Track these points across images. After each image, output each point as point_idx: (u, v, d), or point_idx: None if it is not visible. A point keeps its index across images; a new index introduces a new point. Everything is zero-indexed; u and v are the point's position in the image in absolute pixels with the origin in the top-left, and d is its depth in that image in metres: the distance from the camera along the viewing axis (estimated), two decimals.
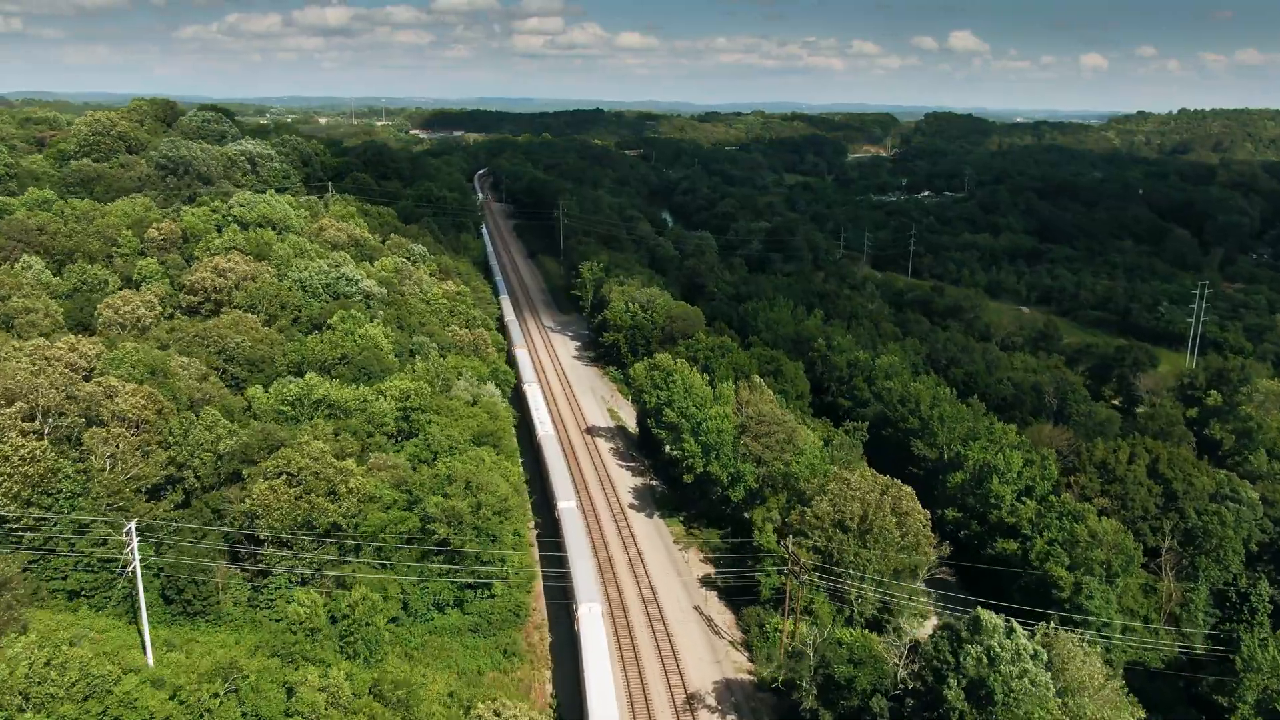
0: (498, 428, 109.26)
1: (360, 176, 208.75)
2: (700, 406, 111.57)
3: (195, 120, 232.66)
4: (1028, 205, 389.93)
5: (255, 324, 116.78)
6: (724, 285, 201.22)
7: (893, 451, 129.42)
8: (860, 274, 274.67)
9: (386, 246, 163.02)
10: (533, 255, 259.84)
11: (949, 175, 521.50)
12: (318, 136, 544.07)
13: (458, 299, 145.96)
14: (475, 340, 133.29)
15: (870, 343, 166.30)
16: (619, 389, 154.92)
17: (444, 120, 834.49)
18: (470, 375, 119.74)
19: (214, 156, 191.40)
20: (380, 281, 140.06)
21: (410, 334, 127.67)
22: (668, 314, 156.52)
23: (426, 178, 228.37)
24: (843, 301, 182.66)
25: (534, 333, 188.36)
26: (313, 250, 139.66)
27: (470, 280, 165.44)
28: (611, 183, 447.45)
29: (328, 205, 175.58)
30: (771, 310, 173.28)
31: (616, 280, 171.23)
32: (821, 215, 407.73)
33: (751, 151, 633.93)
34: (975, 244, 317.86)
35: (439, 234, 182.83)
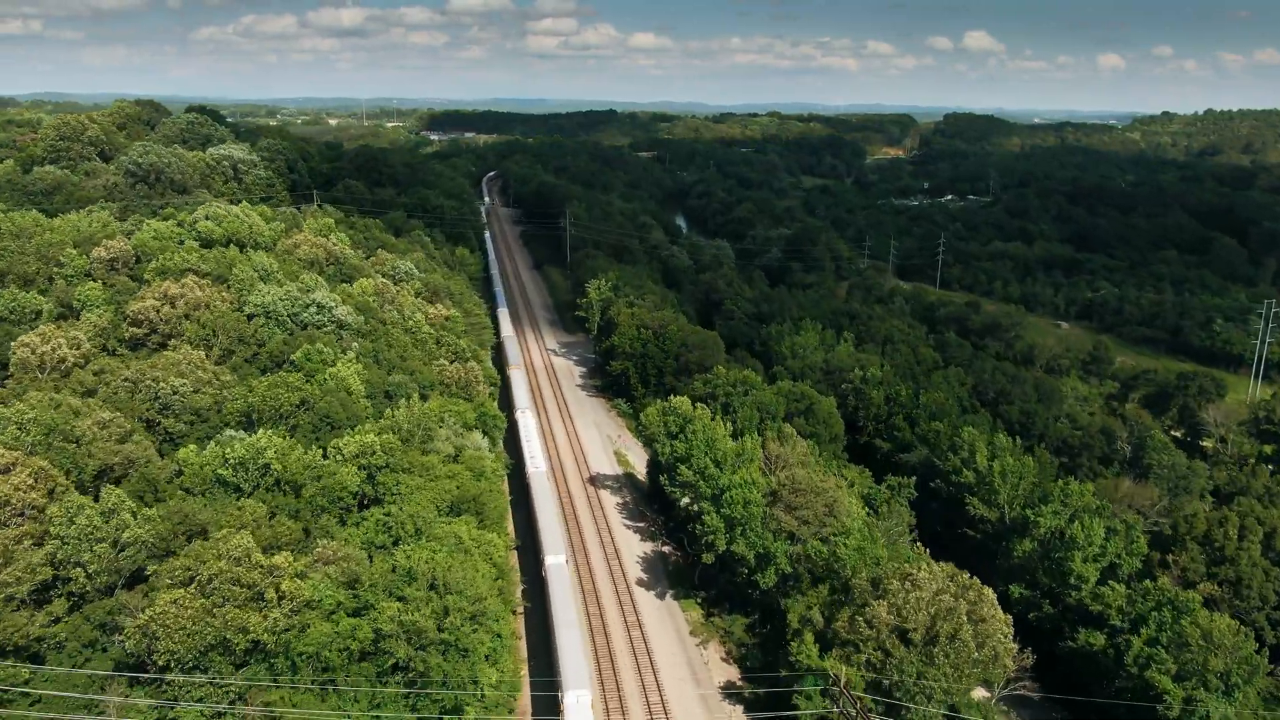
0: (481, 490, 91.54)
1: (351, 184, 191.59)
2: (722, 464, 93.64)
3: (179, 123, 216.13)
4: (1059, 211, 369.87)
5: (203, 362, 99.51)
6: (743, 304, 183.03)
7: (942, 507, 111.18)
8: (887, 286, 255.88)
9: (370, 264, 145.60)
10: (538, 266, 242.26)
11: (973, 178, 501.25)
12: (318, 139, 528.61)
13: (447, 326, 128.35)
14: (464, 376, 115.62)
15: (908, 372, 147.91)
16: (627, 425, 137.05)
17: (455, 121, 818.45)
18: (454, 421, 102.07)
19: (190, 163, 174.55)
20: (358, 307, 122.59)
21: (388, 371, 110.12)
22: (682, 341, 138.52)
23: (423, 184, 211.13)
24: (875, 323, 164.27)
25: (535, 354, 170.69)
26: (281, 272, 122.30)
27: (464, 301, 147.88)
28: (624, 186, 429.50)
29: (306, 217, 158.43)
30: (797, 335, 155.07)
31: (626, 301, 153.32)
32: (842, 220, 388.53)
33: (768, 153, 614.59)
34: (1007, 253, 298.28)
35: (432, 248, 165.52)
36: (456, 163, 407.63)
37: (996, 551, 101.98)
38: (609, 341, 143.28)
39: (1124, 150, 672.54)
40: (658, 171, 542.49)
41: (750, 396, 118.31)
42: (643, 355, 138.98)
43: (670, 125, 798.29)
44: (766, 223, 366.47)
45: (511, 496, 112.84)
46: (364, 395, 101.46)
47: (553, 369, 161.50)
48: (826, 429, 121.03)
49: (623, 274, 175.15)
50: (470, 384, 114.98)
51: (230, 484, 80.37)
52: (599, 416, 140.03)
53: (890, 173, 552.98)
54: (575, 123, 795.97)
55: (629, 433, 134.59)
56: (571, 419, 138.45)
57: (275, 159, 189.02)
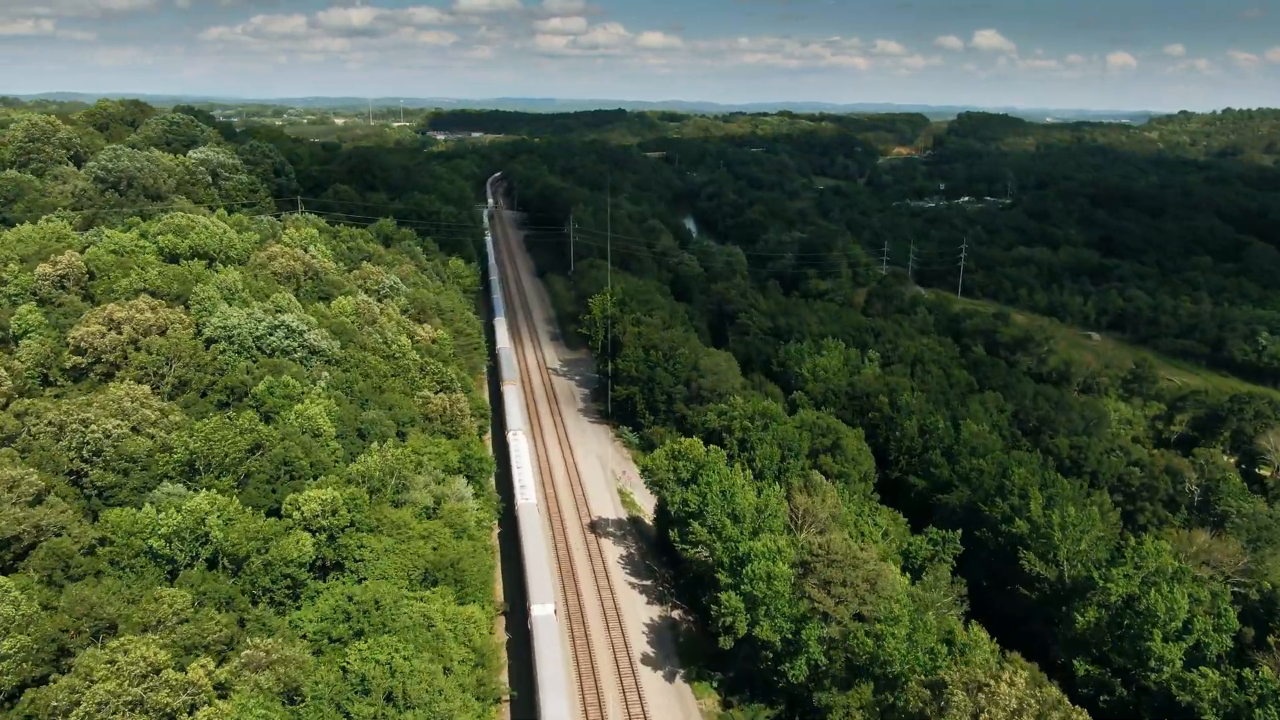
0: (462, 552, 78.45)
1: (340, 189, 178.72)
2: (741, 519, 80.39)
3: (161, 124, 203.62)
4: (1082, 213, 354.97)
5: (149, 398, 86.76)
6: (758, 317, 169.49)
7: (989, 558, 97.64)
8: (908, 294, 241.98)
9: (353, 278, 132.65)
10: (542, 274, 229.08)
11: (989, 179, 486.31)
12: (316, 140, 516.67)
13: (434, 350, 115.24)
14: (450, 409, 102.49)
15: (941, 397, 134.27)
16: (633, 456, 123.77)
17: (462, 121, 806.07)
18: (435, 465, 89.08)
19: (166, 168, 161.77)
20: (334, 330, 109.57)
21: (362, 405, 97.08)
22: (694, 364, 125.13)
23: (418, 189, 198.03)
24: (903, 341, 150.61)
25: (533, 372, 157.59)
26: (248, 290, 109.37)
27: (456, 318, 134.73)
28: (632, 188, 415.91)
29: (286, 227, 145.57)
30: (819, 355, 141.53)
31: (632, 317, 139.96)
32: (856, 223, 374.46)
33: (778, 153, 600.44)
34: (1032, 259, 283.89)
35: (423, 258, 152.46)
36: (460, 164, 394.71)
37: (1055, 616, 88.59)
38: (614, 364, 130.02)
39: (1142, 150, 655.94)
40: (667, 172, 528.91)
41: (770, 431, 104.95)
42: (650, 380, 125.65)
43: (680, 125, 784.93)
44: (779, 226, 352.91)
45: (500, 530, 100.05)
46: (333, 436, 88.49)
47: (552, 389, 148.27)
48: (855, 467, 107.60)
49: (629, 286, 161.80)
50: (456, 418, 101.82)
51: (163, 557, 67.58)
52: (602, 446, 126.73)
53: (904, 173, 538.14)
54: (583, 122, 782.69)
55: (635, 466, 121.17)
56: (571, 448, 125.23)
57: (260, 163, 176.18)
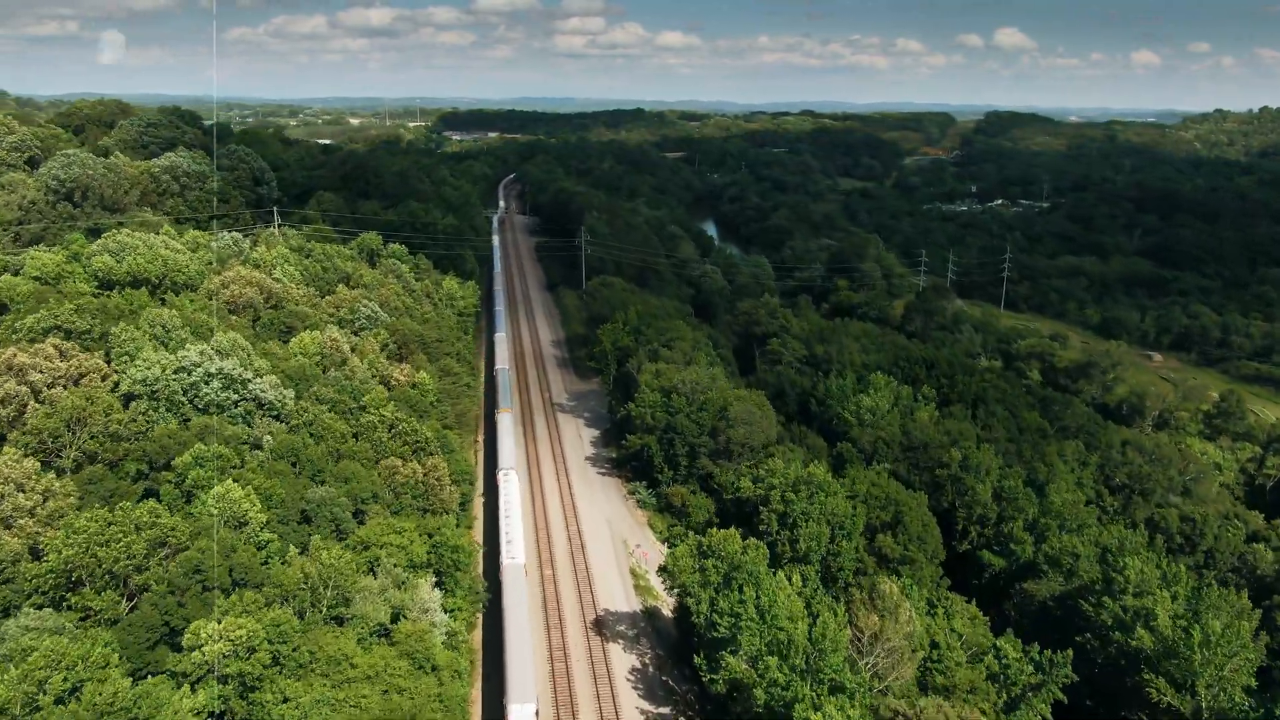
0: (423, 696, 58.73)
1: (326, 197, 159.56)
2: (788, 652, 60.20)
3: (134, 126, 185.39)
4: (1129, 219, 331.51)
5: (31, 477, 67.74)
6: (792, 343, 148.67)
7: (1095, 672, 76.80)
8: (949, 309, 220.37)
9: (325, 305, 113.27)
10: (552, 288, 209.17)
11: (1023, 181, 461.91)
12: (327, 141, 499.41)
13: (412, 398, 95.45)
14: (424, 479, 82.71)
15: (1010, 445, 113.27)
16: (649, 520, 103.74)
17: (478, 120, 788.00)
18: (396, 562, 69.37)
19: (125, 176, 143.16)
20: (290, 375, 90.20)
21: (312, 476, 77.50)
22: (722, 410, 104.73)
23: (415, 196, 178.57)
24: (961, 377, 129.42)
25: (536, 401, 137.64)
26: (187, 327, 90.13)
27: (443, 352, 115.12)
28: (650, 190, 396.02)
29: (257, 243, 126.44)
30: (865, 393, 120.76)
31: (648, 349, 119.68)
32: (886, 228, 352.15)
33: (801, 154, 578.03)
34: (1081, 269, 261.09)
35: (411, 278, 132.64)
36: (472, 165, 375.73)
37: None
38: (626, 408, 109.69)
39: (1178, 150, 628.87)
40: (687, 173, 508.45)
41: (817, 503, 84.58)
42: (669, 429, 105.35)
43: (700, 124, 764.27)
44: (805, 231, 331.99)
45: (488, 594, 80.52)
46: (263, 525, 68.96)
47: (556, 429, 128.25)
48: (921, 547, 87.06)
49: (645, 309, 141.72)
50: (432, 489, 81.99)
51: None
52: (612, 507, 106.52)
53: (933, 175, 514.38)
54: (601, 122, 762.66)
55: (651, 534, 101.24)
56: (575, 506, 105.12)
57: (235, 169, 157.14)
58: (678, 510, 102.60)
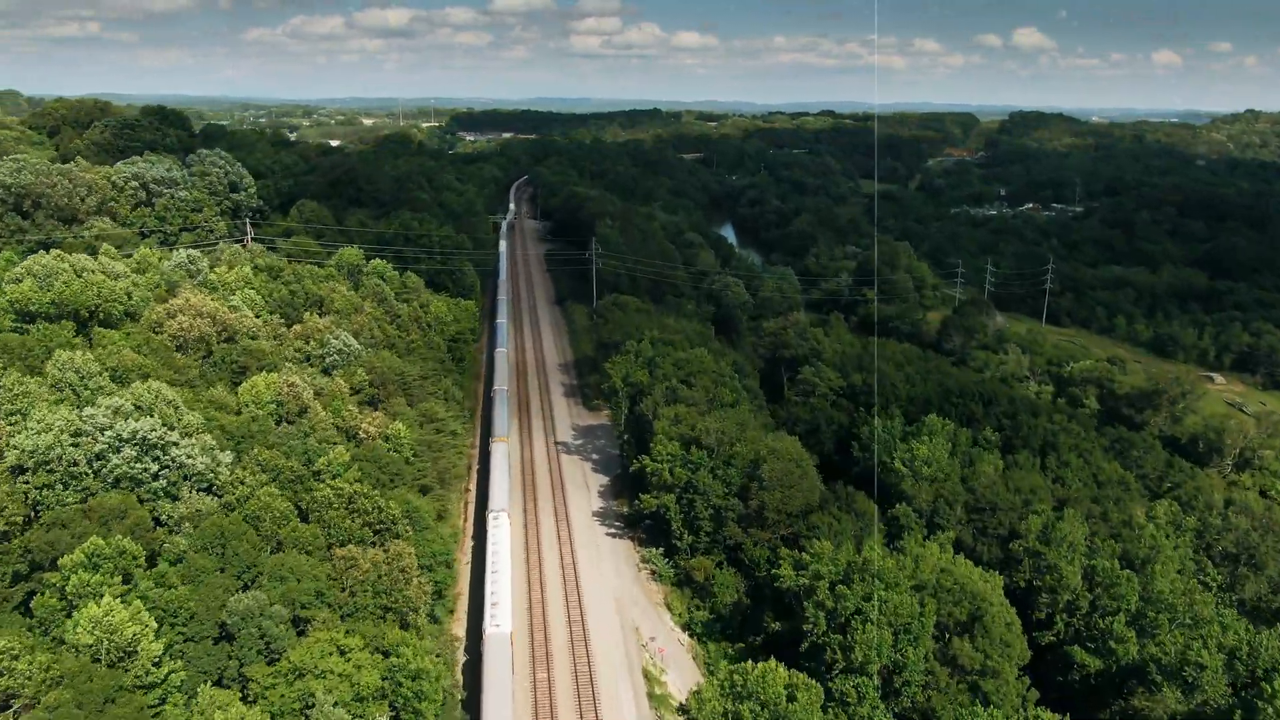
0: None
1: (309, 206, 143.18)
2: None
3: (109, 128, 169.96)
4: (1173, 225, 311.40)
5: None
6: (826, 373, 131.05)
7: None
8: (991, 326, 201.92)
9: (292, 336, 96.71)
10: (561, 301, 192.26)
11: (1054, 184, 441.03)
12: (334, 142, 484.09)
13: (382, 460, 78.59)
14: (388, 568, 65.83)
15: (1096, 507, 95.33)
16: (667, 598, 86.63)
17: (492, 121, 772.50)
18: (336, 699, 52.65)
19: (83, 184, 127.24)
20: (232, 433, 73.67)
21: (239, 574, 60.86)
22: (753, 467, 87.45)
23: (411, 204, 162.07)
24: (1025, 419, 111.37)
25: (537, 436, 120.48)
26: (104, 375, 73.70)
27: (431, 389, 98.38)
28: (667, 193, 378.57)
29: (220, 260, 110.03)
30: (917, 438, 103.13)
31: (665, 389, 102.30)
32: (913, 233, 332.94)
33: (822, 155, 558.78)
34: (1128, 280, 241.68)
35: (394, 300, 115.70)
36: (483, 167, 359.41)
37: None
38: (640, 461, 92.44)
39: (1211, 151, 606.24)
40: (704, 175, 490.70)
41: (875, 601, 67.31)
42: (690, 487, 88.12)
43: (718, 124, 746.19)
44: (829, 237, 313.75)
45: None
46: (161, 653, 52.36)
47: (559, 473, 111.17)
48: (1004, 653, 69.60)
49: (662, 333, 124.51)
50: (395, 584, 65.14)
51: None
52: (621, 580, 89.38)
53: (958, 177, 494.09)
54: (617, 122, 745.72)
55: (668, 618, 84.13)
56: (577, 578, 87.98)
57: (209, 174, 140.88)
58: (700, 587, 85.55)
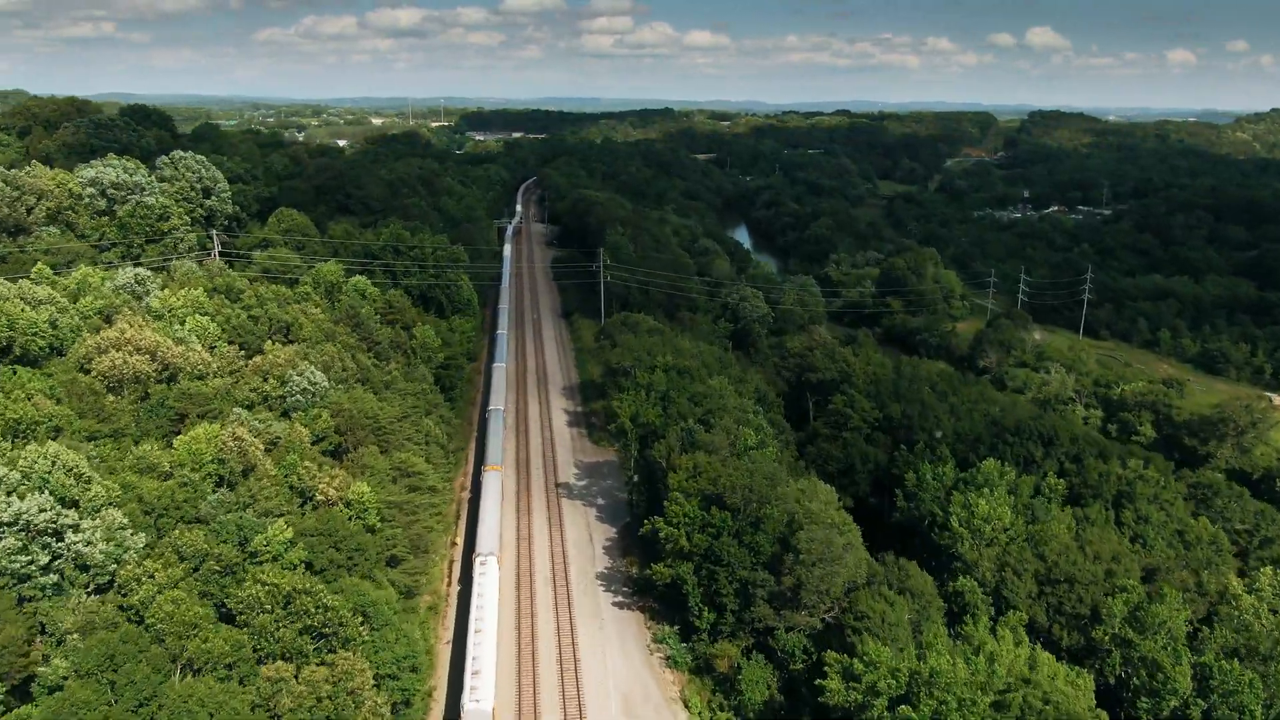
0: None
1: (289, 214, 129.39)
2: None
3: (82, 128, 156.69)
4: (1211, 230, 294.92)
5: None
6: (860, 403, 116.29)
7: None
8: (1029, 341, 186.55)
9: (249, 372, 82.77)
10: (568, 314, 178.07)
11: (1080, 185, 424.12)
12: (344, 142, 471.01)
13: (338, 534, 64.40)
14: (333, 685, 51.62)
15: (1189, 575, 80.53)
16: (683, 692, 72.18)
17: (503, 120, 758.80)
18: None
19: (33, 190, 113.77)
20: (149, 509, 59.71)
21: (130, 718, 46.79)
22: (785, 532, 72.99)
23: (403, 213, 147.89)
24: (1093, 464, 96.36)
25: (535, 478, 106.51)
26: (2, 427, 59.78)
27: (409, 433, 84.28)
28: (680, 195, 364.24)
29: (173, 276, 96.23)
30: (974, 490, 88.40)
31: (680, 431, 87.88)
32: (936, 238, 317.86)
33: (838, 155, 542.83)
34: (1171, 290, 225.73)
35: (375, 323, 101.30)
36: (490, 168, 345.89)
37: None
38: (651, 522, 78.01)
39: (1237, 151, 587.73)
40: (717, 176, 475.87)
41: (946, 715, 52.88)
42: (711, 556, 73.70)
43: (731, 124, 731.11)
44: (849, 242, 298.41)
45: None
46: None
47: (559, 522, 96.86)
48: None
49: (676, 359, 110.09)
50: (341, 711, 50.92)
51: None
52: (629, 666, 75.01)
53: (979, 178, 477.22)
54: (628, 122, 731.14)
55: (684, 712, 69.77)
56: (576, 661, 73.79)
57: (180, 179, 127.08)
58: (723, 679, 71.22)
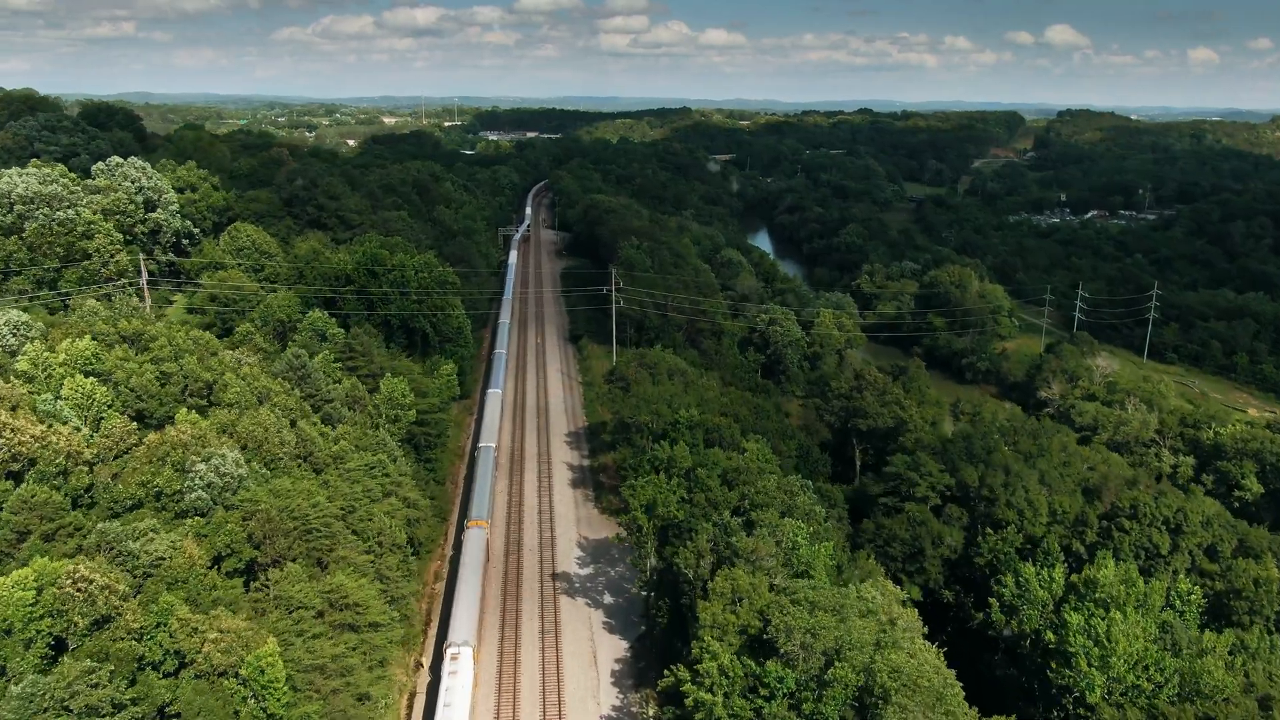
0: None
1: (246, 231, 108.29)
2: None
3: (25, 128, 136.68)
4: (1275, 239, 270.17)
5: None
6: (928, 468, 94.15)
7: None
8: (1097, 371, 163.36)
9: (137, 458, 61.67)
10: (576, 339, 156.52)
11: (1120, 189, 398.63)
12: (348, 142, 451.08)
13: (230, 709, 43.37)
14: None
15: None
16: None
17: (516, 120, 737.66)
18: None
19: None
20: None
21: None
22: (861, 694, 51.32)
23: (383, 227, 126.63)
24: (1241, 570, 74.05)
25: (527, 562, 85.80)
26: None
27: (352, 540, 63.24)
28: (699, 200, 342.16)
29: (65, 329, 75.29)
30: (1094, 606, 66.33)
31: (710, 536, 66.15)
32: (973, 245, 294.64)
33: (861, 156, 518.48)
34: (1247, 308, 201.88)
35: (325, 381, 79.52)
36: (499, 170, 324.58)
37: None
38: (674, 673, 56.66)
39: (1278, 153, 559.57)
40: (737, 178, 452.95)
41: None
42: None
43: (750, 122, 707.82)
44: (882, 251, 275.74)
45: None
46: None
47: (555, 629, 75.59)
48: None
49: (703, 416, 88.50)
50: None
51: None
52: None
53: (1011, 180, 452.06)
54: (645, 121, 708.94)
55: None
56: None
57: (115, 189, 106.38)
58: None
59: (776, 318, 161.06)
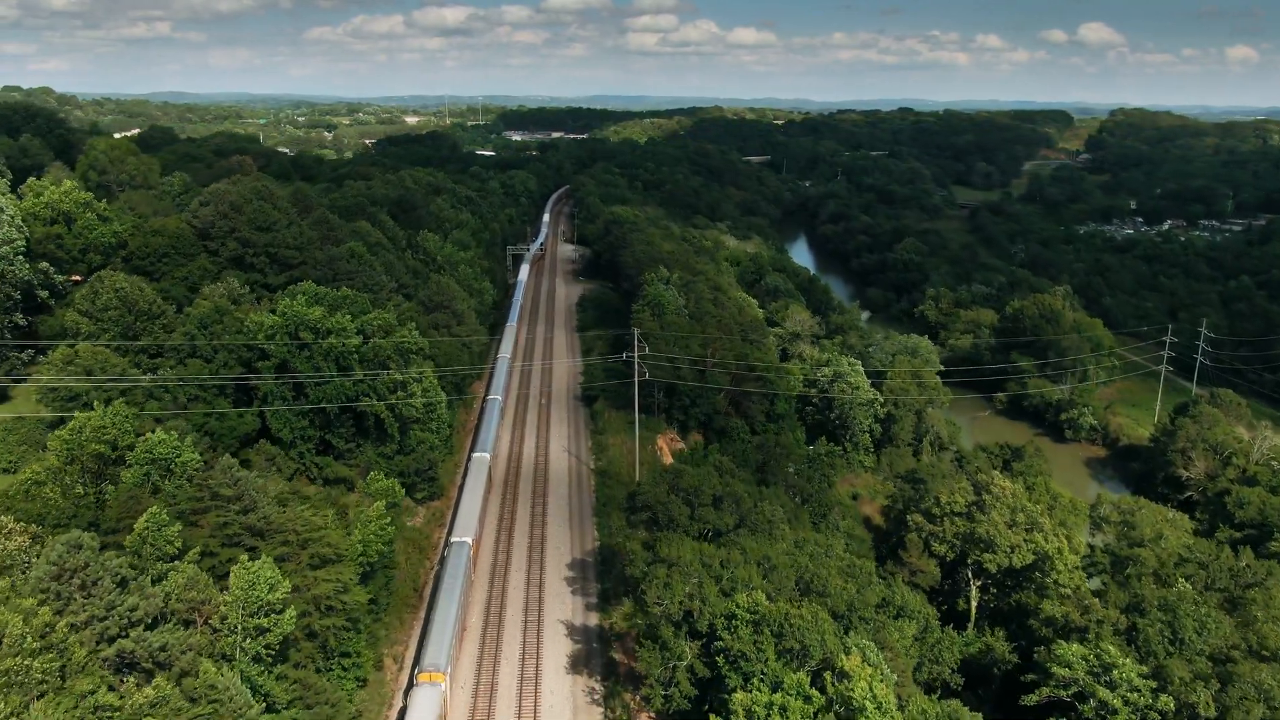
0: None
1: (116, 282, 74.50)
2: None
3: None
4: None
5: None
6: (1127, 670, 59.41)
7: None
8: (1248, 444, 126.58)
9: None
10: (589, 400, 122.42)
11: (1196, 196, 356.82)
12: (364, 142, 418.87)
13: None
14: None
15: None
16: None
17: (540, 119, 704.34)
18: None
19: None
20: None
21: None
22: None
23: (343, 266, 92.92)
24: None
25: None
26: None
27: None
28: (735, 209, 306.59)
29: None
30: None
31: None
32: (1043, 262, 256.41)
33: (905, 159, 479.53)
34: None
35: (122, 596, 46.99)
36: (517, 175, 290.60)
37: None
38: None
39: None
40: (773, 182, 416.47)
41: None
42: None
43: (785, 123, 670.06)
44: (945, 271, 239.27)
45: None
46: None
47: None
48: None
49: (773, 609, 54.65)
50: None
51: None
52: None
53: (1070, 185, 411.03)
54: (675, 121, 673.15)
55: None
56: None
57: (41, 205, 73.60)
58: None
59: (842, 371, 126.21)
